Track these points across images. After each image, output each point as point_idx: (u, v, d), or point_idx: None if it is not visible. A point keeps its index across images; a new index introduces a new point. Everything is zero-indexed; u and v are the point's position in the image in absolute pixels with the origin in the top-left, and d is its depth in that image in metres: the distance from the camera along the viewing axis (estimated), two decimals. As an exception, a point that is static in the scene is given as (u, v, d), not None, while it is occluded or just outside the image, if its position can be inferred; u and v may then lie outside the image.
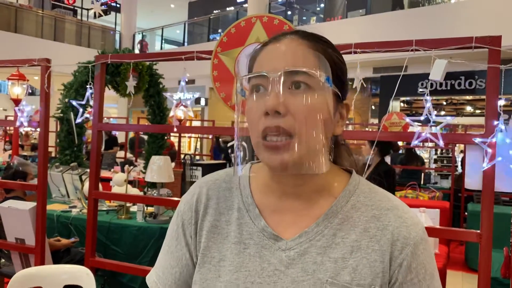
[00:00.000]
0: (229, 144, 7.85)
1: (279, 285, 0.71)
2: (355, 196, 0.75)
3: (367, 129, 9.57)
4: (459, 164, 8.68)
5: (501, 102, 1.71)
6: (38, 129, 2.67)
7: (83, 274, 2.01)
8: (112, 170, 5.49)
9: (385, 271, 0.70)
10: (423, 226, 0.74)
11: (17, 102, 4.10)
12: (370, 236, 0.72)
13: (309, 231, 0.73)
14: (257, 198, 0.78)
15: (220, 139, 9.35)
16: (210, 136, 10.42)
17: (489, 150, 1.68)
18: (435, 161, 10.89)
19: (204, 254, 0.77)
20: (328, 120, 0.70)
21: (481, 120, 11.60)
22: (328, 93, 0.70)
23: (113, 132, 9.97)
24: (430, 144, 1.86)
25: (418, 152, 10.22)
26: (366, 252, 0.71)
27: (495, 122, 1.68)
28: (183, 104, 2.44)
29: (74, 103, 2.85)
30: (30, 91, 2.83)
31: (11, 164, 3.46)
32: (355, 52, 1.85)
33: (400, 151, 7.47)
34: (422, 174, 7.80)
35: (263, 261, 0.73)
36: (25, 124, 2.69)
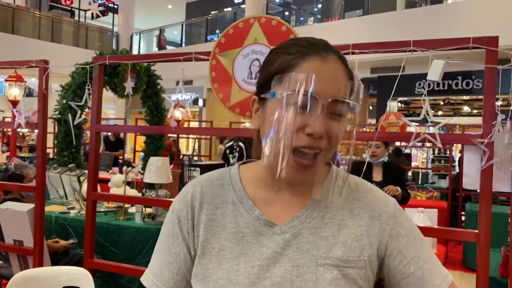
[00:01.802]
0: (227, 145, 7.85)
1: (277, 265, 0.77)
2: (337, 183, 0.84)
3: (364, 129, 9.59)
4: (456, 163, 8.71)
5: (498, 102, 1.72)
6: (36, 131, 2.66)
7: (82, 276, 2.01)
8: (110, 171, 5.49)
9: (372, 243, 0.80)
10: (395, 201, 0.87)
11: (14, 103, 4.09)
12: (355, 215, 0.82)
13: (300, 215, 0.81)
14: (249, 192, 0.84)
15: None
16: (209, 137, 10.42)
17: (487, 150, 1.68)
18: (433, 161, 10.91)
19: (204, 246, 0.81)
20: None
21: (478, 120, 11.63)
22: (356, 120, 0.78)
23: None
24: (428, 144, 1.87)
25: (416, 151, 10.26)
26: (352, 228, 0.80)
27: (493, 122, 1.69)
28: (181, 105, 2.44)
29: (72, 104, 2.85)
30: (27, 92, 2.82)
31: (9, 166, 3.45)
32: (353, 53, 1.86)
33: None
34: (412, 174, 7.97)
35: (261, 246, 0.79)
36: (23, 125, 2.69)
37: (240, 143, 7.49)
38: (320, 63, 0.75)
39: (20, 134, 11.09)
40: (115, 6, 15.98)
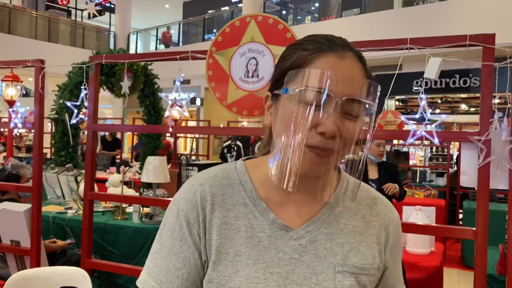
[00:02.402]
0: (224, 144, 7.85)
1: (296, 272, 0.76)
2: (348, 188, 0.81)
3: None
4: (454, 161, 8.72)
5: (495, 100, 1.72)
6: (33, 131, 2.66)
7: (79, 276, 2.00)
8: (107, 171, 5.48)
9: (381, 251, 0.81)
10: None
11: (11, 103, 4.08)
12: (367, 222, 0.82)
13: (316, 220, 0.79)
14: (261, 193, 0.80)
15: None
16: (206, 136, 10.41)
17: (484, 148, 1.68)
18: (431, 159, 10.93)
19: (219, 251, 0.76)
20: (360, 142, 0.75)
21: (475, 118, 11.64)
22: (371, 121, 0.74)
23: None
24: (426, 142, 1.87)
25: (413, 150, 10.28)
26: (365, 236, 0.81)
27: (490, 120, 1.69)
28: (178, 104, 2.43)
29: (68, 104, 2.84)
30: (24, 92, 2.81)
31: (6, 166, 3.44)
32: (350, 51, 1.85)
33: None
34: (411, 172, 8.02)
35: (278, 251, 0.76)
36: (19, 125, 2.68)
37: (238, 142, 7.49)
38: (336, 60, 0.72)
39: (18, 134, 11.06)
40: (112, 6, 15.94)
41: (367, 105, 0.71)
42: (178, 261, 0.78)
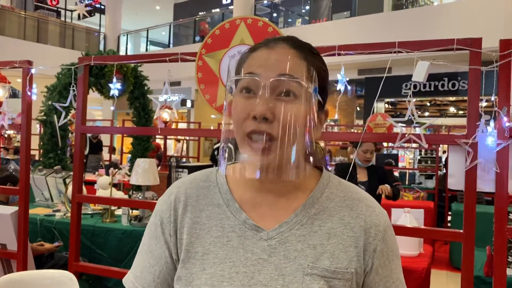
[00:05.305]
0: (215, 146, 7.83)
1: (263, 273, 0.75)
2: (328, 188, 0.82)
3: (352, 130, 9.64)
4: (443, 164, 8.80)
5: (483, 103, 1.73)
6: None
7: (66, 279, 1.98)
8: (96, 173, 5.44)
9: (359, 255, 0.77)
10: (387, 214, 0.83)
11: (-2, 104, 4.03)
12: (345, 224, 0.78)
13: (288, 221, 0.78)
14: (235, 194, 0.82)
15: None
16: (197, 138, 10.39)
17: (471, 150, 1.70)
18: (420, 161, 11.00)
19: (188, 249, 0.79)
20: (312, 128, 0.75)
21: (464, 121, 11.74)
22: (313, 103, 0.74)
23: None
24: (414, 145, 1.88)
25: (402, 152, 10.36)
26: (341, 238, 0.77)
27: (477, 123, 1.70)
28: (167, 106, 2.42)
29: (56, 105, 2.81)
30: (11, 93, 2.78)
31: (8, 167, 3.40)
32: (339, 54, 1.86)
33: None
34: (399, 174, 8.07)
35: (246, 251, 0.77)
36: (6, 127, 2.64)
37: (229, 144, 7.47)
38: (265, 51, 0.76)
39: (6, 136, 10.92)
40: (102, 7, 15.84)
41: (305, 86, 0.73)
42: (152, 258, 0.83)
